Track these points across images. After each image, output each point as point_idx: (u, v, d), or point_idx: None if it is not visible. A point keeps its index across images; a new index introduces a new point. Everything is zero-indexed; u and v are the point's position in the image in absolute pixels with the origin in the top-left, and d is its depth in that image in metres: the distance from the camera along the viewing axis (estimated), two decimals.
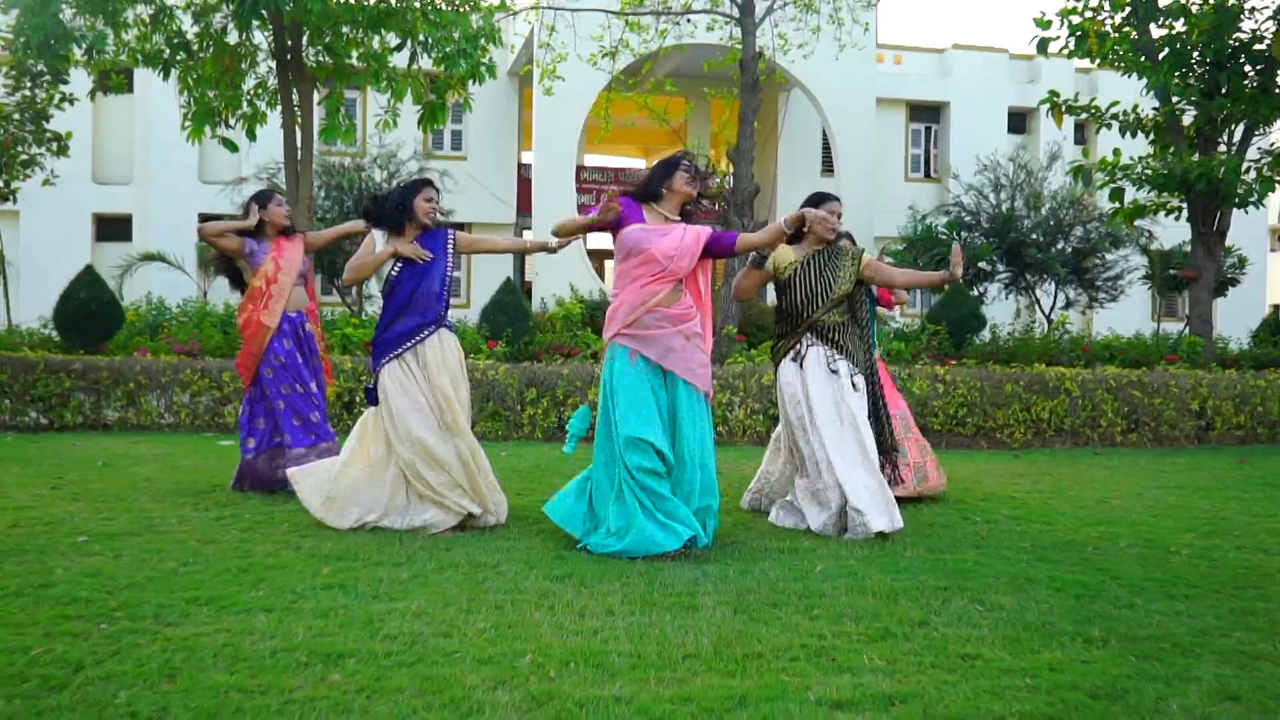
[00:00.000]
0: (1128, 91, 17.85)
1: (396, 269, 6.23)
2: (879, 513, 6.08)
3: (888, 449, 6.66)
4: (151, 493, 7.04)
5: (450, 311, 6.37)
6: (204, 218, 22.09)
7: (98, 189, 24.82)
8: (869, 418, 6.50)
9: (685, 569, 5.09)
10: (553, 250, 6.20)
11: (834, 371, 6.47)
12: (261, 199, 7.31)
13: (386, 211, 6.27)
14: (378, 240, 6.25)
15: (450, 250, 6.36)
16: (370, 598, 4.47)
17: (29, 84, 14.25)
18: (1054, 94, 15.96)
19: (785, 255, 6.70)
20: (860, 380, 6.50)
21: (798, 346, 6.63)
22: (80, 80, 14.29)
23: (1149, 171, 15.02)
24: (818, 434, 6.38)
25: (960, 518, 6.74)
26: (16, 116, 14.37)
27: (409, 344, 6.10)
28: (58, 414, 11.40)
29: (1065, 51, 16.04)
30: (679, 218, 6.00)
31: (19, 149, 14.42)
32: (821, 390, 6.48)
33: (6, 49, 12.93)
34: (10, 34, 12.32)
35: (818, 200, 6.69)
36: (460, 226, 24.98)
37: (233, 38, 13.38)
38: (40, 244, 23.71)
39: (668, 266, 5.77)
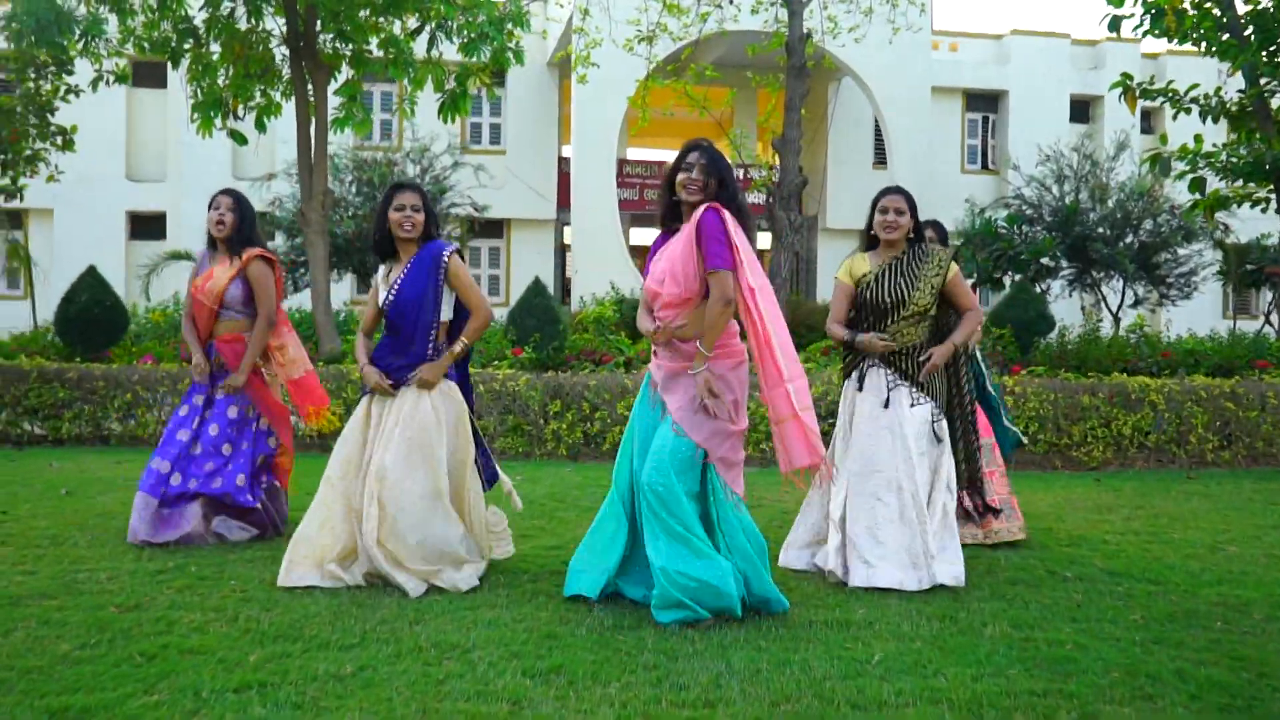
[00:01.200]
0: (1198, 77, 16.59)
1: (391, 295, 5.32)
2: (894, 565, 5.22)
3: (974, 480, 5.64)
4: (98, 533, 6.07)
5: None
6: None
7: (131, 186, 24.32)
8: (952, 446, 5.50)
9: (705, 660, 4.03)
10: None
11: (887, 404, 5.46)
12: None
13: (376, 240, 5.38)
14: (379, 273, 5.44)
15: (440, 279, 5.34)
16: (292, 707, 3.44)
17: (33, 75, 13.42)
18: (1127, 76, 14.73)
19: (861, 266, 5.71)
20: (918, 414, 5.47)
21: (861, 366, 5.65)
22: (87, 72, 13.46)
23: (1235, 159, 13.75)
24: (844, 468, 5.52)
25: (1046, 571, 5.60)
26: (20, 110, 13.53)
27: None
28: (53, 426, 10.57)
29: (1140, 30, 14.81)
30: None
31: (24, 144, 13.59)
32: (869, 424, 5.47)
33: (6, 38, 12.10)
34: (5, 20, 11.53)
35: (879, 197, 5.69)
36: (499, 223, 24.62)
37: (244, 24, 12.48)
38: (74, 243, 23.13)
39: (664, 291, 4.71)
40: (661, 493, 4.51)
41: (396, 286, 5.31)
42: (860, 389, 5.64)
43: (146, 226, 24.42)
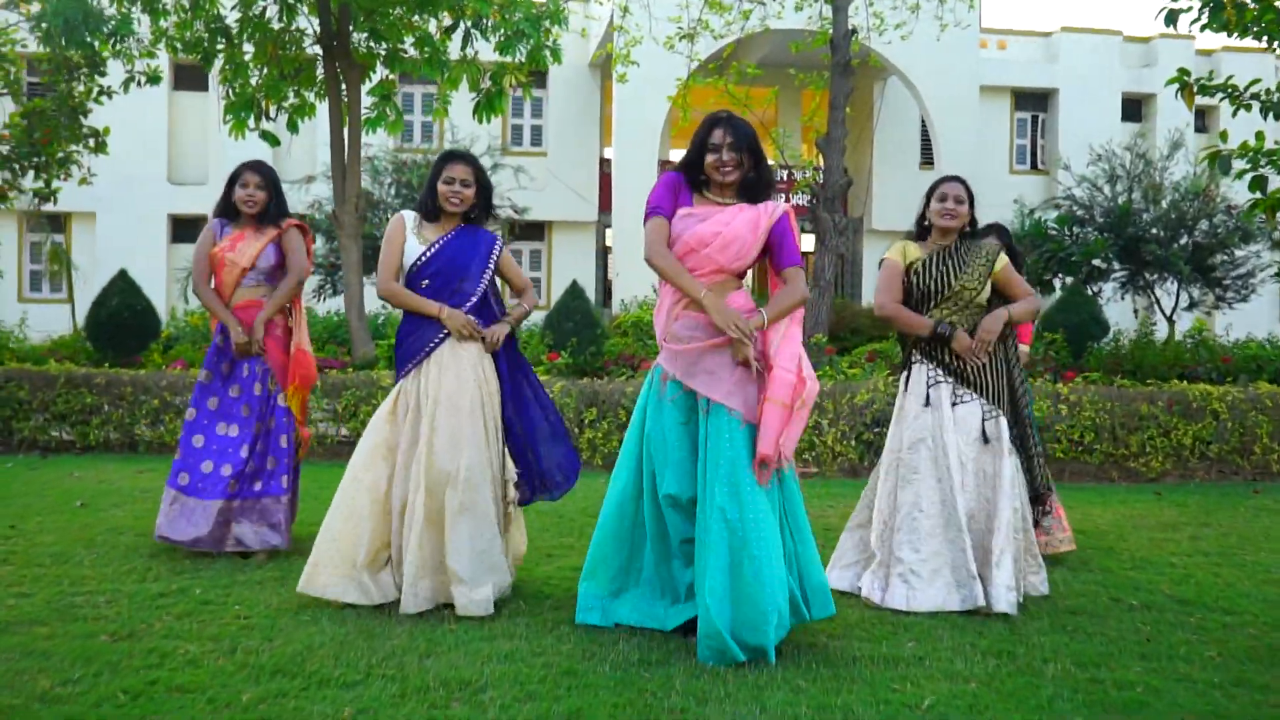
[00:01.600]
0: (1254, 74, 16.03)
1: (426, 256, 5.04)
2: (937, 583, 4.90)
3: (1040, 492, 5.27)
4: (105, 550, 5.81)
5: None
6: None
7: (173, 189, 24.39)
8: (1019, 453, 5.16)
9: (738, 704, 3.67)
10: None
11: (927, 402, 5.13)
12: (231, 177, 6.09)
13: (422, 206, 5.09)
14: (407, 220, 5.08)
15: (493, 258, 5.15)
16: None
17: (65, 77, 13.27)
18: (1184, 72, 14.20)
19: (912, 250, 5.38)
20: (963, 414, 5.12)
21: (910, 364, 5.34)
22: (120, 74, 13.31)
23: None
24: (884, 473, 5.25)
25: (1110, 599, 5.20)
26: (55, 112, 13.39)
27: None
28: (81, 432, 10.39)
29: (1198, 24, 14.30)
30: (735, 200, 4.54)
31: (56, 146, 13.44)
32: (911, 427, 5.14)
33: (37, 39, 11.97)
34: (32, 21, 11.41)
35: (937, 184, 5.40)
36: (540, 225, 24.39)
37: (277, 23, 12.27)
38: (115, 246, 23.16)
39: (708, 254, 4.38)
40: (751, 521, 4.19)
41: (438, 246, 5.01)
42: (905, 388, 5.33)
43: (188, 229, 24.40)
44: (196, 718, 3.43)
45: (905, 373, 5.39)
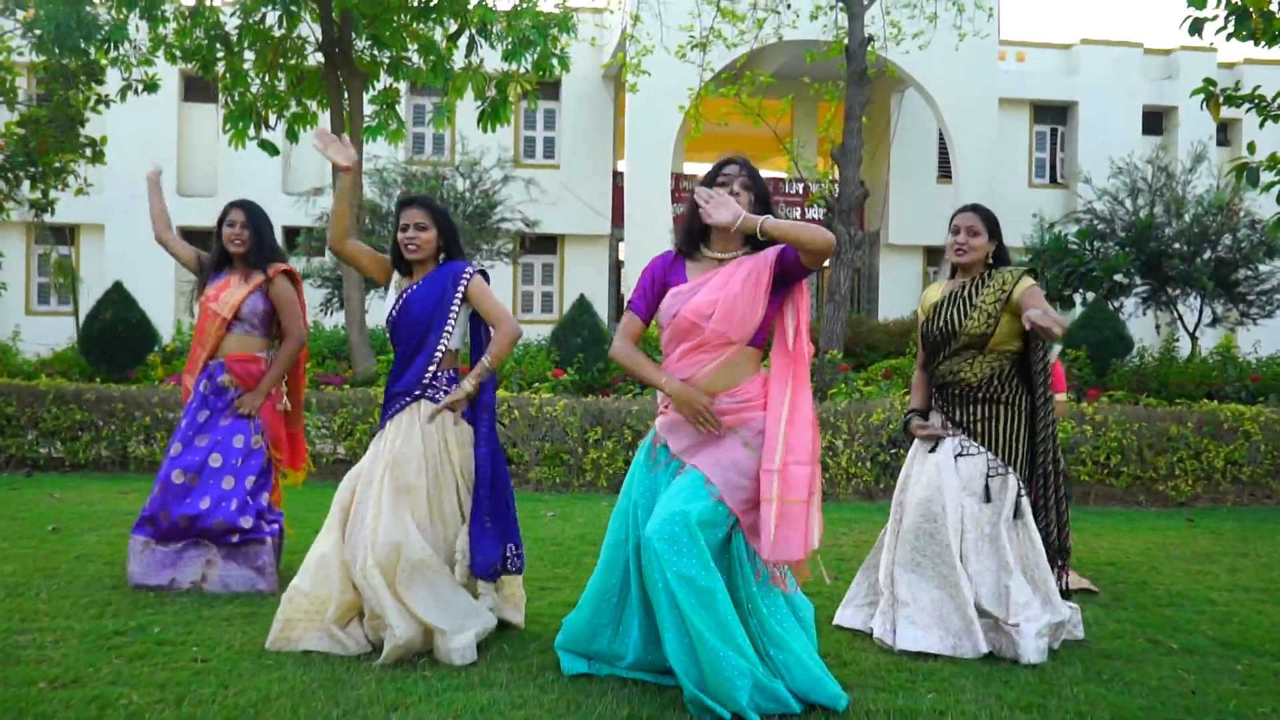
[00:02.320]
0: (1278, 87, 15.67)
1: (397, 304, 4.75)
2: (936, 629, 4.56)
3: (1056, 550, 4.83)
4: (66, 580, 5.44)
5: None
6: (287, 230, 21.04)
7: (182, 201, 24.10)
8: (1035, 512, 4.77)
9: None
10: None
11: (933, 450, 4.79)
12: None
13: (393, 259, 4.83)
14: (396, 277, 4.86)
15: (458, 296, 4.73)
16: None
17: (63, 86, 12.98)
18: (1209, 82, 13.83)
19: (933, 294, 5.01)
20: (966, 467, 4.74)
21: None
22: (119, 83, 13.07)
23: None
24: (893, 527, 4.92)
25: (1148, 641, 4.78)
26: (50, 120, 13.10)
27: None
28: (70, 449, 10.07)
29: (1223, 33, 13.92)
30: (737, 252, 4.09)
31: (52, 156, 13.16)
32: (917, 474, 4.82)
33: (30, 45, 11.70)
34: (24, 26, 11.14)
35: (952, 216, 4.99)
36: (552, 239, 24.07)
37: (278, 31, 11.99)
38: (124, 259, 22.89)
39: (713, 329, 3.95)
40: (676, 543, 3.76)
41: (403, 299, 4.72)
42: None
43: (196, 241, 23.92)
44: None
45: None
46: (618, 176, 24.65)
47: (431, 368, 4.64)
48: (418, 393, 4.63)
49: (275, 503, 5.82)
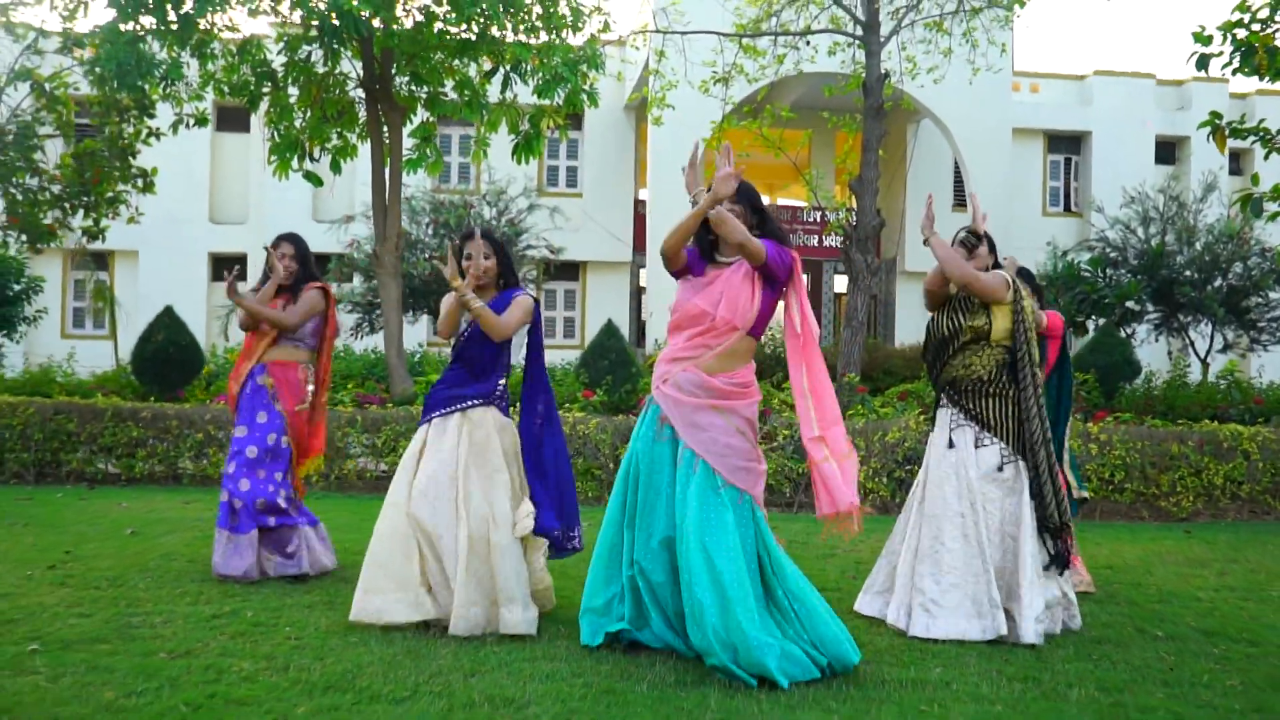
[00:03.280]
0: None
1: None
2: (958, 614, 5.05)
3: (1054, 528, 5.35)
4: (157, 575, 6.04)
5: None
6: (316, 257, 21.61)
7: (214, 229, 24.83)
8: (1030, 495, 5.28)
9: (771, 717, 3.83)
10: None
11: (950, 444, 5.29)
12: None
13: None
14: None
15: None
16: None
17: (116, 118, 13.69)
18: (1215, 115, 14.30)
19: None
20: (985, 456, 5.26)
21: (938, 405, 5.58)
22: (168, 116, 13.75)
23: None
24: (914, 505, 5.50)
25: (1135, 629, 5.32)
26: (105, 153, 13.82)
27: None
28: (126, 465, 10.65)
29: (1229, 68, 14.42)
30: (735, 258, 4.80)
31: (106, 186, 13.86)
32: (936, 465, 5.36)
33: (90, 83, 12.39)
34: (86, 65, 11.80)
35: (957, 234, 5.65)
36: (575, 265, 24.66)
37: (321, 67, 12.64)
38: (157, 284, 23.57)
39: (722, 316, 4.66)
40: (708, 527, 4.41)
41: (469, 326, 5.30)
42: (934, 427, 5.51)
43: (227, 267, 24.77)
44: None
45: (934, 412, 5.58)
46: (639, 204, 25.18)
47: (502, 382, 5.27)
48: (487, 401, 5.21)
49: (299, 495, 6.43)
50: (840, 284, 25.76)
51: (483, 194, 20.35)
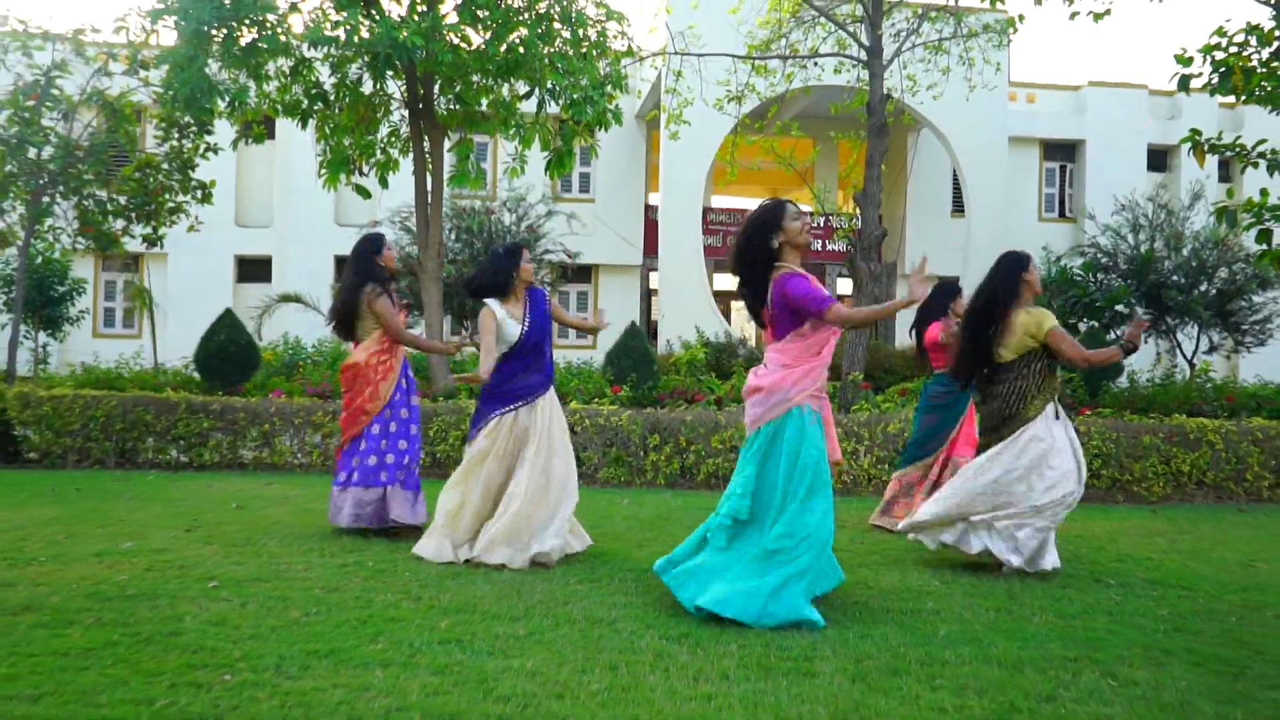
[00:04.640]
0: (1277, 126, 17.14)
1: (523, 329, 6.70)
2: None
3: None
4: (280, 537, 7.19)
5: (571, 354, 6.88)
6: (339, 260, 22.72)
7: (240, 232, 25.76)
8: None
9: (804, 632, 5.00)
10: (603, 327, 7.07)
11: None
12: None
13: (498, 283, 6.75)
14: (496, 309, 6.70)
15: (548, 312, 6.93)
16: (486, 654, 4.48)
17: (177, 135, 14.86)
18: (1195, 132, 15.22)
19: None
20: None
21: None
22: (225, 131, 14.90)
23: None
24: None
25: (1093, 580, 6.48)
26: (165, 166, 14.99)
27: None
28: (196, 453, 11.76)
29: (1208, 88, 15.46)
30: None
31: (167, 196, 15.05)
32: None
33: (157, 103, 13.52)
34: (160, 88, 12.86)
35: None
36: (587, 268, 25.77)
37: (367, 88, 13.76)
38: (186, 285, 24.70)
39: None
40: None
41: (533, 320, 6.73)
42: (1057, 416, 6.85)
43: (253, 270, 25.90)
44: (415, 634, 4.78)
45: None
46: (649, 209, 26.19)
47: (552, 362, 6.79)
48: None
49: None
50: (844, 286, 26.80)
51: (502, 201, 21.42)
